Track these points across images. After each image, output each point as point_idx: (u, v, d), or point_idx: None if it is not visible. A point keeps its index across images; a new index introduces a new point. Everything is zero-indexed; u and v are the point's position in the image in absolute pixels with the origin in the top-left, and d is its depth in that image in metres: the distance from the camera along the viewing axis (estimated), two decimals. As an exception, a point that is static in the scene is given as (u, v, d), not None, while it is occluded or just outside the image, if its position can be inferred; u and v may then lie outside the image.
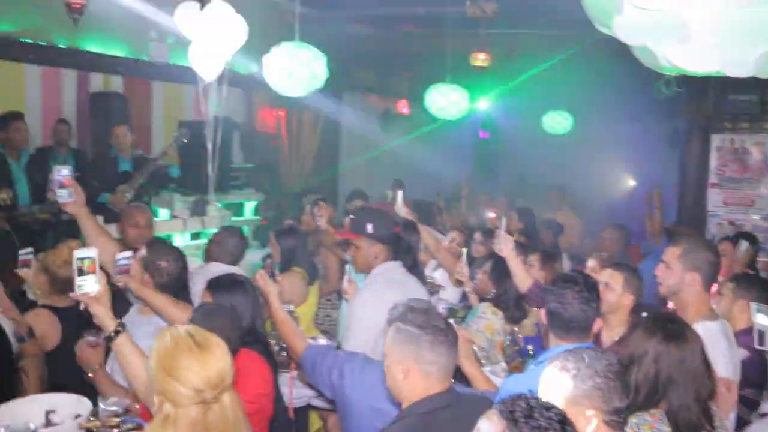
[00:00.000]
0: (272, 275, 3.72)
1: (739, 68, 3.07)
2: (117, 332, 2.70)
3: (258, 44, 6.86)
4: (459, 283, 5.24)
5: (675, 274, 3.33)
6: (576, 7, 3.20)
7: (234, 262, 4.78)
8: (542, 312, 3.09)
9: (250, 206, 8.96)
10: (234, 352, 2.47)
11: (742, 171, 8.10)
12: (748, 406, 3.53)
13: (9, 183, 6.11)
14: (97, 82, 8.75)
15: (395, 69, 12.46)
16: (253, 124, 10.30)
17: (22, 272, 4.09)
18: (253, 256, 6.70)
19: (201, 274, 4.60)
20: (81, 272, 2.68)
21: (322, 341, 4.42)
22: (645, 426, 2.53)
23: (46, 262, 4.05)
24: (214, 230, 6.77)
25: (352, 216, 4.41)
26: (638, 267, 4.44)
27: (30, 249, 4.19)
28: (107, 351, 3.44)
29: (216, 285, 3.43)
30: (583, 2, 3.10)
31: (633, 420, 2.53)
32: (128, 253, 3.56)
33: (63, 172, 3.51)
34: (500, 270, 4.45)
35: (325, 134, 10.96)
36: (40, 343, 3.70)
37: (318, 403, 4.32)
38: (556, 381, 2.19)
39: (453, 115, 8.72)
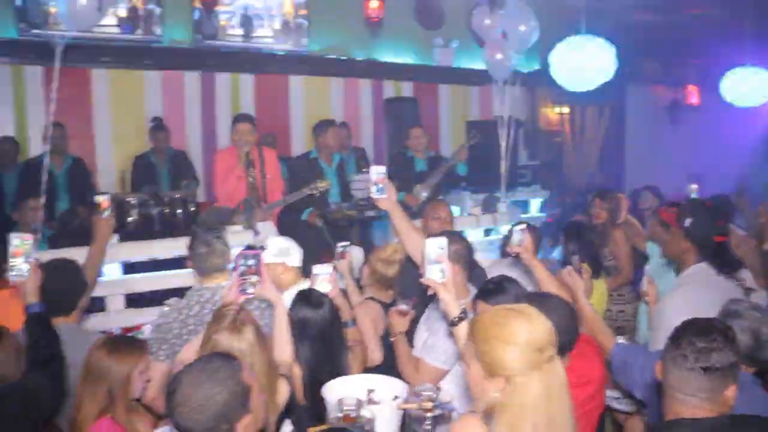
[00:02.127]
0: (579, 271, 3.71)
1: None
2: (460, 318, 2.83)
3: (540, 41, 6.92)
4: (765, 284, 4.82)
5: None
6: None
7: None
8: None
9: (535, 203, 8.99)
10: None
11: None
12: None
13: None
14: (390, 88, 9.41)
15: (683, 56, 11.72)
16: (536, 122, 10.34)
17: (339, 265, 4.40)
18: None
19: (497, 267, 4.74)
20: (430, 261, 2.85)
21: (621, 340, 4.29)
22: None
23: (370, 257, 4.38)
24: (505, 227, 6.95)
25: (682, 202, 4.21)
26: None
27: (347, 242, 4.55)
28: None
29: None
30: None
31: None
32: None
33: (378, 171, 3.80)
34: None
35: (610, 129, 10.66)
36: (364, 331, 3.94)
37: (618, 405, 4.18)
38: None
39: (755, 102, 8.04)
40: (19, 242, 3.06)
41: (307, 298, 3.39)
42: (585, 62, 6.05)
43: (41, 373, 2.88)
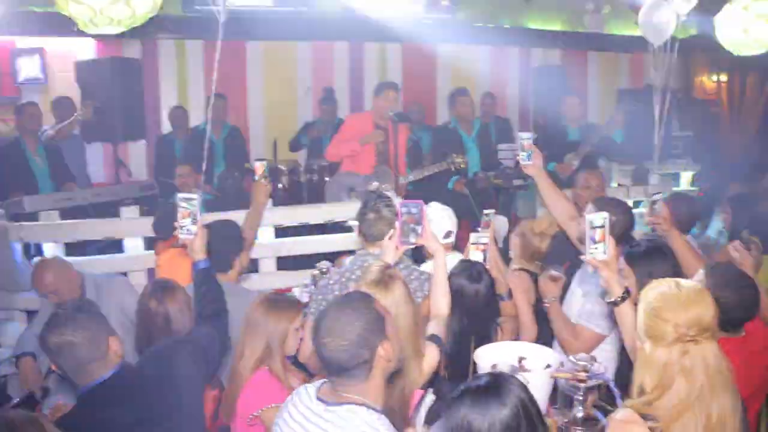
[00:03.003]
0: (748, 246, 3.55)
1: None
2: (623, 298, 2.79)
3: (698, 5, 6.56)
4: None
5: None
6: None
7: (684, 231, 4.66)
8: None
9: (686, 176, 8.62)
10: None
11: None
12: None
13: (463, 152, 6.73)
14: (538, 56, 9.26)
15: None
16: (690, 91, 9.86)
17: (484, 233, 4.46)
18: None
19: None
20: (593, 239, 2.80)
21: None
22: None
23: (524, 228, 4.36)
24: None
25: None
26: None
27: (492, 210, 4.55)
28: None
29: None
30: None
31: None
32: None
33: (526, 137, 3.79)
34: None
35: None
36: (519, 305, 3.90)
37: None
38: None
39: None
40: (186, 203, 3.18)
41: (467, 269, 3.39)
42: (752, 23, 5.71)
43: (209, 326, 3.08)
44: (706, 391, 2.11)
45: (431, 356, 2.80)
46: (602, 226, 2.79)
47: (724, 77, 9.84)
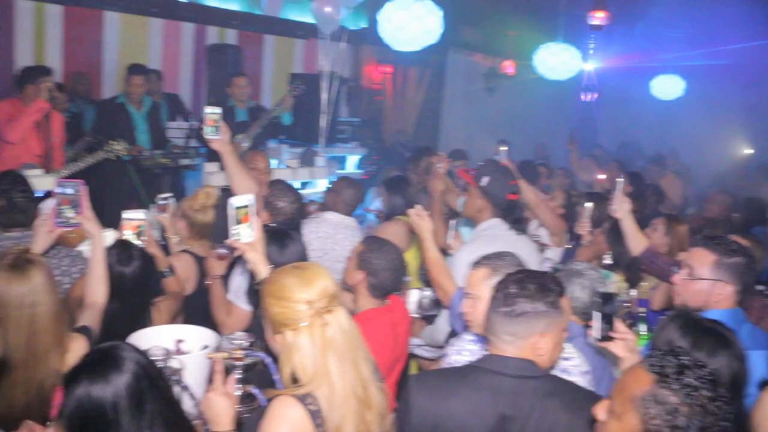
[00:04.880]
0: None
1: None
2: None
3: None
4: (559, 242, 5.24)
5: None
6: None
7: (349, 212, 4.87)
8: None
9: (353, 160, 9.10)
10: None
11: None
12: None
13: (131, 130, 6.41)
14: (213, 35, 9.07)
15: (503, 27, 12.23)
16: (359, 80, 10.41)
17: (160, 217, 4.26)
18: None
19: (316, 221, 4.75)
20: (236, 221, 2.77)
21: (428, 293, 4.46)
22: None
23: (184, 208, 4.18)
24: (323, 180, 6.98)
25: (480, 163, 4.40)
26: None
27: (169, 194, 4.37)
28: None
29: None
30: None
31: None
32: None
33: (212, 112, 3.69)
34: (619, 232, 4.36)
35: (429, 91, 10.96)
36: (180, 286, 3.83)
37: (421, 352, 4.39)
38: None
39: (562, 75, 8.57)
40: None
41: (115, 251, 3.25)
42: (411, 22, 6.16)
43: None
44: (349, 355, 2.20)
45: (77, 349, 2.62)
46: (245, 207, 2.78)
47: (389, 69, 10.53)
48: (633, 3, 8.78)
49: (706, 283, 2.84)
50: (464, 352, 2.85)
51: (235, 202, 2.77)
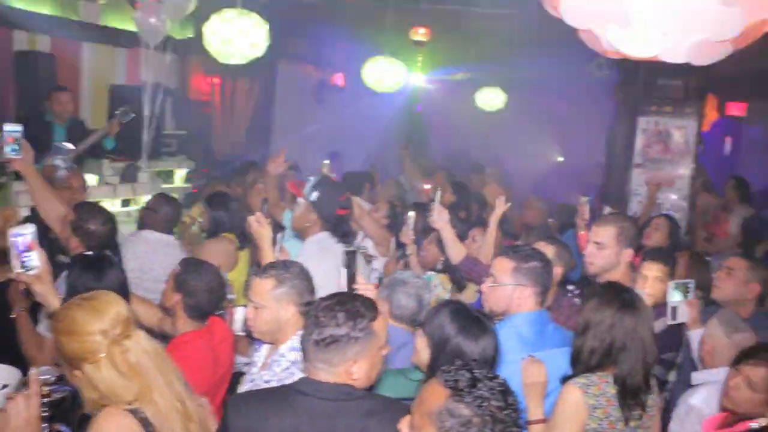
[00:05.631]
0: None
1: (674, 55, 3.23)
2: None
3: (196, 9, 6.75)
4: (385, 252, 5.35)
5: (611, 252, 3.48)
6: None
7: (167, 230, 4.74)
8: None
9: (180, 173, 8.83)
10: None
11: (664, 152, 8.39)
12: (665, 367, 3.89)
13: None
14: (22, 40, 8.41)
15: (332, 40, 12.31)
16: (185, 91, 10.12)
17: None
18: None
19: (133, 241, 4.57)
20: (19, 250, 2.62)
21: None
22: (593, 387, 2.72)
23: None
24: (146, 197, 6.69)
25: (309, 177, 4.40)
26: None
27: None
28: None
29: None
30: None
31: (582, 381, 2.74)
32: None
33: (10, 129, 3.46)
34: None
35: (259, 103, 10.86)
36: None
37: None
38: None
39: (389, 88, 8.76)
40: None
41: None
42: (237, 36, 6.07)
43: None
44: (160, 374, 2.17)
45: None
46: (28, 236, 2.61)
47: (217, 80, 10.32)
48: (454, 19, 9.12)
49: (508, 289, 3.02)
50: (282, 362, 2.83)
51: (14, 232, 2.60)
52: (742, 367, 2.53)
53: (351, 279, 3.02)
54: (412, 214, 5.12)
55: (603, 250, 3.51)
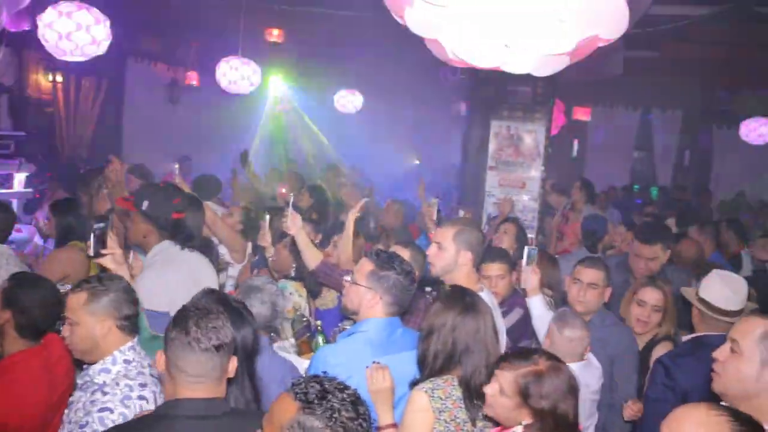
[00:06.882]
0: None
1: (517, 66, 3.30)
2: None
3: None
4: (241, 258, 5.21)
5: (449, 254, 3.50)
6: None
7: (2, 239, 4.37)
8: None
9: (20, 177, 8.24)
10: None
11: (515, 156, 8.67)
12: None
13: None
14: None
15: (185, 38, 11.85)
16: (24, 89, 9.46)
17: None
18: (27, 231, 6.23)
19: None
20: None
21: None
22: (439, 390, 2.73)
23: None
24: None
25: (137, 189, 4.20)
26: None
27: None
28: None
29: None
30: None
31: (428, 385, 2.74)
32: None
33: None
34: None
35: (107, 103, 10.34)
36: None
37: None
38: None
39: (244, 90, 8.54)
40: None
41: None
42: (75, 31, 5.68)
43: None
44: None
45: None
46: None
47: (60, 77, 9.73)
48: (308, 21, 9.03)
49: (361, 290, 3.02)
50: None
51: None
52: (496, 373, 2.60)
53: (100, 243, 3.12)
54: (267, 217, 4.98)
55: (442, 251, 3.54)
